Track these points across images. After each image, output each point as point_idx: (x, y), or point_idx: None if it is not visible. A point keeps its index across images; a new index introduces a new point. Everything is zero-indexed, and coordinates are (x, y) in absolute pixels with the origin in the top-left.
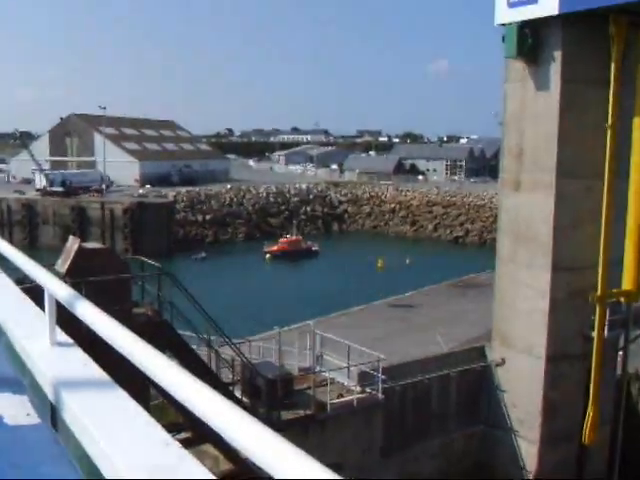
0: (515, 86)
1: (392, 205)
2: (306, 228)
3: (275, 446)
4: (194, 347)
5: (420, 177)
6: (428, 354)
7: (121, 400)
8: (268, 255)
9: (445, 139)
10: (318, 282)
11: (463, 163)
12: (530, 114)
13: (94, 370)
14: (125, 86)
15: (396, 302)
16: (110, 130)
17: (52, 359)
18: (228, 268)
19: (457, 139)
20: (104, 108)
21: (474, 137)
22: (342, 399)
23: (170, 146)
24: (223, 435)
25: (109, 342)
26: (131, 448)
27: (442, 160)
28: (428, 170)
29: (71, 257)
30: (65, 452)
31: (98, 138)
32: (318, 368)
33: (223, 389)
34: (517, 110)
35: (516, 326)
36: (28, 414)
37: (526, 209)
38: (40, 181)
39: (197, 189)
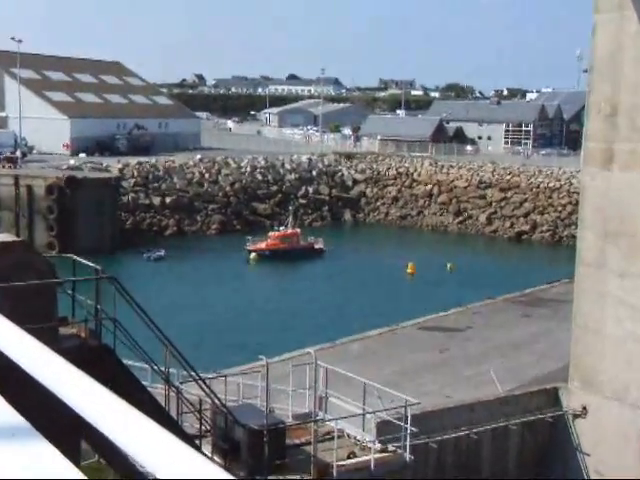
0: (609, 18)
1: (428, 187)
2: (307, 217)
3: None
4: (146, 384)
5: (469, 147)
6: (477, 398)
7: (44, 455)
8: (253, 255)
9: (505, 93)
10: (323, 294)
11: (530, 128)
12: (630, 57)
13: (5, 413)
14: (50, 11)
15: (432, 323)
16: (28, 73)
17: None
18: (196, 272)
19: (522, 94)
20: (20, 42)
21: (547, 90)
22: (354, 460)
23: (115, 98)
24: None
25: (28, 373)
26: None
27: (500, 123)
28: (480, 138)
29: None
30: None
31: (10, 84)
32: (321, 415)
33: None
34: (611, 52)
35: (604, 360)
36: None
37: (621, 193)
38: None
39: (153, 160)
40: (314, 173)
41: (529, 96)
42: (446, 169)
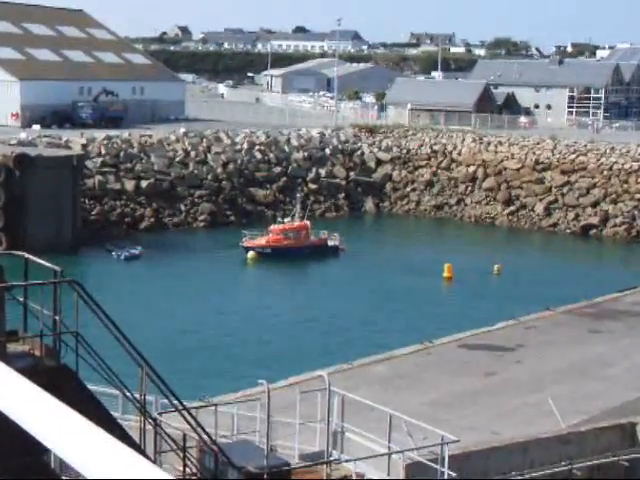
0: None
1: (471, 168)
2: (318, 207)
3: None
4: (116, 415)
5: (523, 119)
6: (532, 435)
7: None
8: (251, 254)
9: (569, 50)
10: (338, 303)
11: (601, 94)
12: None
13: None
14: None
15: (475, 340)
16: None
17: None
18: (179, 276)
19: (591, 51)
20: None
21: (623, 47)
22: None
23: (77, 56)
24: None
25: None
26: None
27: (563, 88)
28: (537, 107)
29: None
30: None
31: None
32: (336, 455)
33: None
34: None
35: None
36: None
37: None
38: None
39: (125, 134)
40: (327, 151)
41: (599, 54)
42: (493, 146)
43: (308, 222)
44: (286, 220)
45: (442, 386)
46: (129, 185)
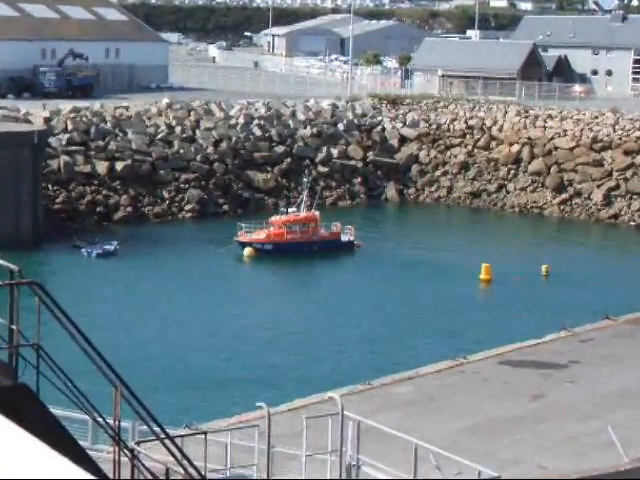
0: None
1: (515, 148)
2: (329, 194)
3: None
4: (84, 444)
5: (578, 87)
6: (587, 469)
7: None
8: (248, 250)
9: (634, 4)
10: (353, 310)
11: None
12: None
13: None
14: None
15: (519, 356)
16: None
17: None
18: (163, 276)
19: None
20: None
21: None
22: None
23: (38, 10)
24: None
25: None
26: None
27: (626, 50)
28: (596, 73)
29: None
30: None
31: None
32: None
33: None
34: None
35: None
36: None
37: None
38: None
39: (97, 105)
40: (341, 127)
41: None
42: (542, 121)
43: (317, 212)
44: (290, 210)
45: (479, 411)
46: (101, 167)
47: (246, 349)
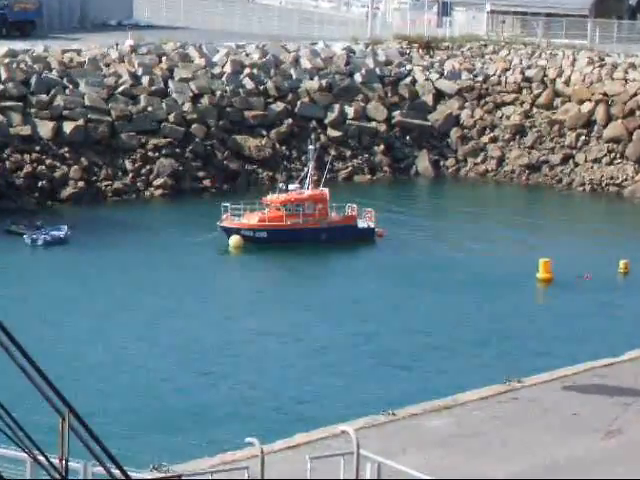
0: None
1: (586, 107)
2: (343, 166)
3: None
4: None
5: None
6: None
7: None
8: (235, 239)
9: None
10: (372, 319)
11: None
12: None
13: None
14: None
15: (588, 379)
16: None
17: None
18: (126, 270)
19: None
20: None
21: None
22: None
23: None
24: None
25: None
26: None
27: None
28: None
29: None
30: None
31: None
32: None
33: None
34: None
35: None
36: None
37: None
38: None
39: (40, 48)
40: (357, 78)
41: None
42: (622, 72)
43: (326, 190)
44: (291, 187)
45: (537, 450)
46: (45, 129)
47: (232, 369)
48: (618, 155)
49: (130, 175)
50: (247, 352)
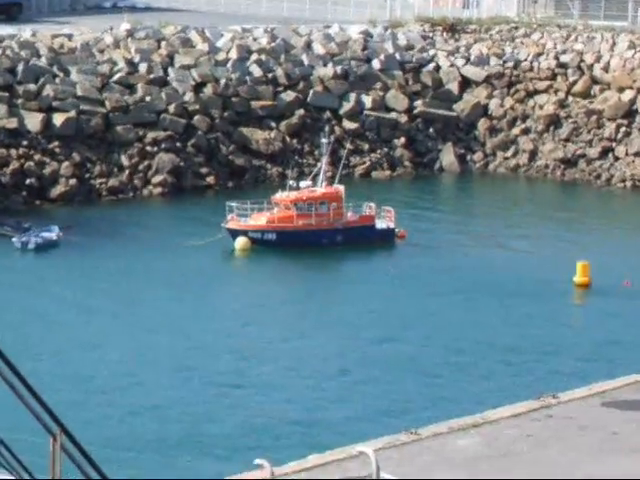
0: None
1: (627, 95)
2: (360, 161)
3: None
4: None
5: None
6: None
7: None
8: (242, 241)
9: None
10: (392, 330)
11: None
12: None
13: None
14: None
15: (632, 392)
16: None
17: None
18: (123, 275)
19: None
20: None
21: None
22: None
23: None
24: None
25: None
26: None
27: None
28: None
29: None
30: None
31: None
32: None
33: None
34: None
35: None
36: None
37: None
38: None
39: (28, 33)
40: (376, 65)
41: None
42: None
43: (341, 187)
44: (303, 184)
45: (573, 472)
46: (33, 122)
47: (237, 385)
48: None
49: (126, 172)
50: (255, 366)
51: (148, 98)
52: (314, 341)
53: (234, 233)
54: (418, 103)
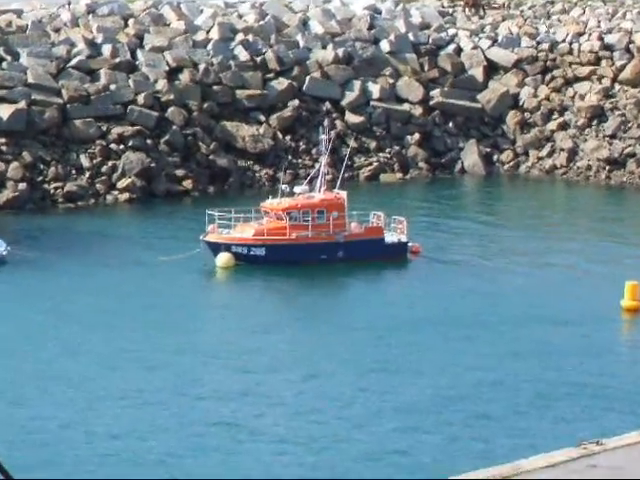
0: None
1: None
2: (366, 161)
3: None
4: None
5: None
6: None
7: None
8: (224, 258)
9: None
10: (402, 361)
11: None
12: None
13: None
14: None
15: None
16: None
17: None
18: (83, 299)
19: None
20: None
21: None
22: None
23: None
24: None
25: None
26: None
27: None
28: None
29: None
30: None
31: None
32: None
33: None
34: None
35: None
36: None
37: None
38: None
39: None
40: (384, 47)
41: None
42: None
43: (343, 193)
44: (298, 189)
45: None
46: None
47: (219, 432)
48: None
49: (87, 174)
50: (238, 405)
51: (113, 87)
52: (310, 377)
53: (215, 247)
54: (435, 93)
